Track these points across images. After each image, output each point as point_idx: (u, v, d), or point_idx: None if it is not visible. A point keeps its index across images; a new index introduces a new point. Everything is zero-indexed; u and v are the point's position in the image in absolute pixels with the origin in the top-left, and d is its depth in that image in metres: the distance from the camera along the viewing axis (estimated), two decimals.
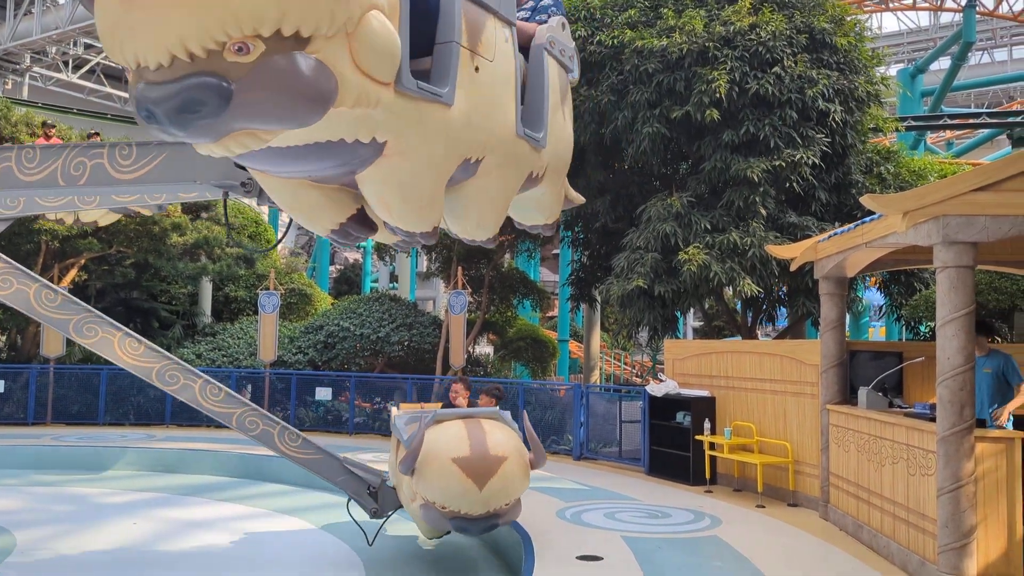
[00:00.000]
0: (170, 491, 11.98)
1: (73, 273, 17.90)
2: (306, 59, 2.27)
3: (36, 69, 38.85)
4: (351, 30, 2.38)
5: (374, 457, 12.95)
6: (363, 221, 3.39)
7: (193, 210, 19.30)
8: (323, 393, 16.43)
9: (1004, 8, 28.93)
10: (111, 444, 13.96)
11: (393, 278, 30.77)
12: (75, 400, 16.56)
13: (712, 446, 10.72)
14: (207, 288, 20.56)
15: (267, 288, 17.51)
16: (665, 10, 12.55)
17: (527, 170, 3.69)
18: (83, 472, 12.95)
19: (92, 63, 39.50)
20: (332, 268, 38.81)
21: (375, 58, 2.47)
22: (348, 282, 38.23)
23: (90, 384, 16.58)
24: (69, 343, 17.08)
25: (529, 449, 5.80)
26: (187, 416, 16.79)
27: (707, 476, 10.81)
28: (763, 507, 9.63)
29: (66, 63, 39.43)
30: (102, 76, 40.97)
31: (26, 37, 35.34)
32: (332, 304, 20.91)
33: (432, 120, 2.85)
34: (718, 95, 11.42)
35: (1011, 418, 7.26)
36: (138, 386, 16.81)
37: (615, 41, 12.46)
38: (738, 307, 15.23)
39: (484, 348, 23.04)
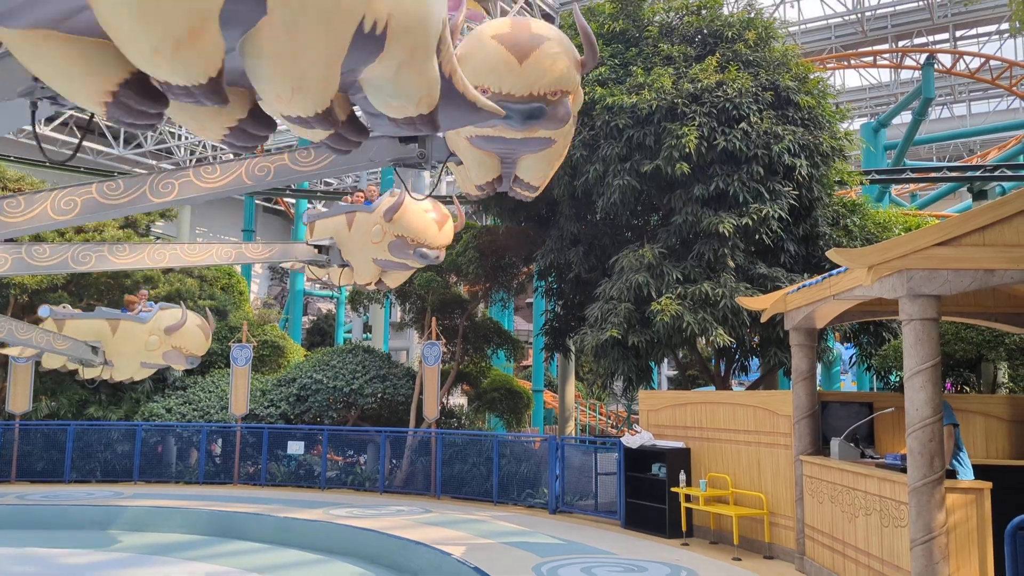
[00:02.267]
0: (138, 550, 11.71)
1: None
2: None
3: None
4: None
5: (348, 512, 12.79)
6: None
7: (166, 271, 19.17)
8: (295, 447, 16.23)
9: (961, 66, 29.92)
10: (77, 502, 13.64)
11: (367, 329, 30.63)
12: (40, 457, 16.21)
13: (688, 498, 10.71)
14: None
15: (239, 340, 17.37)
16: (634, 68, 12.86)
17: (349, 16, 2.70)
18: (47, 532, 12.64)
19: (65, 115, 39.44)
20: (305, 319, 38.62)
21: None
22: (321, 333, 38.01)
23: (56, 440, 16.26)
24: (36, 398, 16.77)
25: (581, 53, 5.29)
26: (155, 472, 16.50)
27: (683, 528, 10.77)
28: (739, 560, 9.61)
29: None
30: (75, 128, 40.90)
31: None
32: (305, 356, 20.74)
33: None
34: (687, 150, 11.67)
35: (971, 468, 7.36)
36: (105, 442, 16.53)
37: (586, 97, 12.72)
38: (711, 360, 15.34)
39: (458, 399, 22.92)
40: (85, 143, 40.95)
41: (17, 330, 10.40)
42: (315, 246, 9.34)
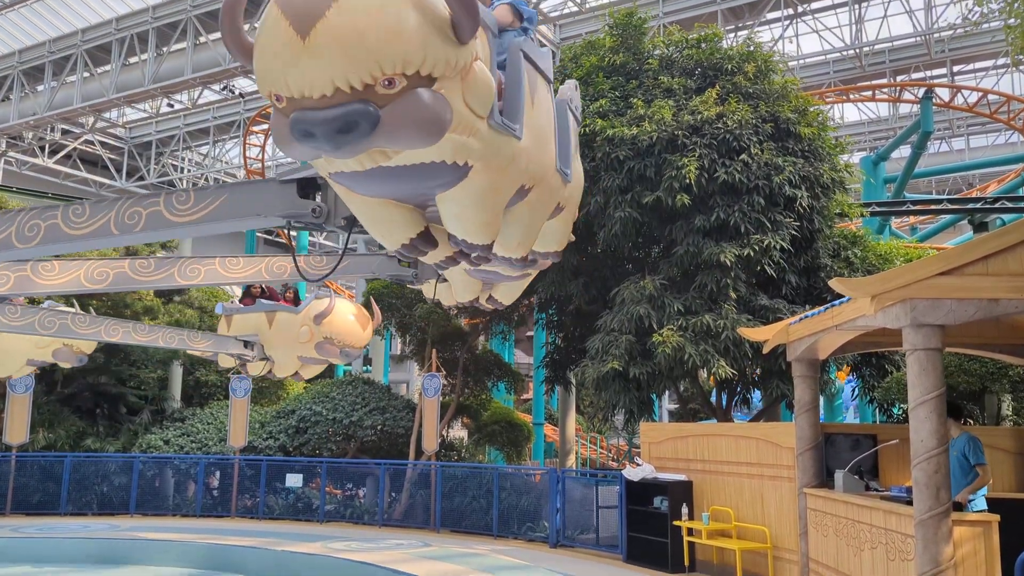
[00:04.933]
0: None
1: None
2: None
3: (11, 154, 38.98)
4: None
5: (346, 546, 12.63)
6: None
7: (166, 294, 19.15)
8: (294, 480, 16.08)
9: (959, 100, 30.11)
10: (72, 535, 13.48)
11: (366, 361, 30.51)
12: (37, 489, 16.05)
13: (690, 532, 10.58)
14: (177, 372, 20.26)
15: (238, 372, 17.27)
16: (635, 100, 12.93)
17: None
18: (42, 565, 12.47)
19: (69, 148, 39.72)
20: None
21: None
22: None
23: (53, 472, 16.11)
24: (33, 430, 16.65)
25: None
26: (153, 505, 16.34)
27: (686, 563, 10.63)
28: None
29: (42, 148, 39.61)
30: (78, 161, 41.15)
31: (3, 122, 35.55)
32: (304, 388, 20.64)
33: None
34: (688, 181, 11.69)
35: (985, 501, 7.26)
36: (102, 474, 16.39)
37: (587, 129, 12.78)
38: (712, 393, 15.24)
39: (459, 432, 22.75)
40: (88, 175, 41.17)
41: (135, 331, 10.46)
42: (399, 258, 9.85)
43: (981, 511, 7.26)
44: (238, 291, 12.25)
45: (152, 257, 6.90)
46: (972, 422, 13.13)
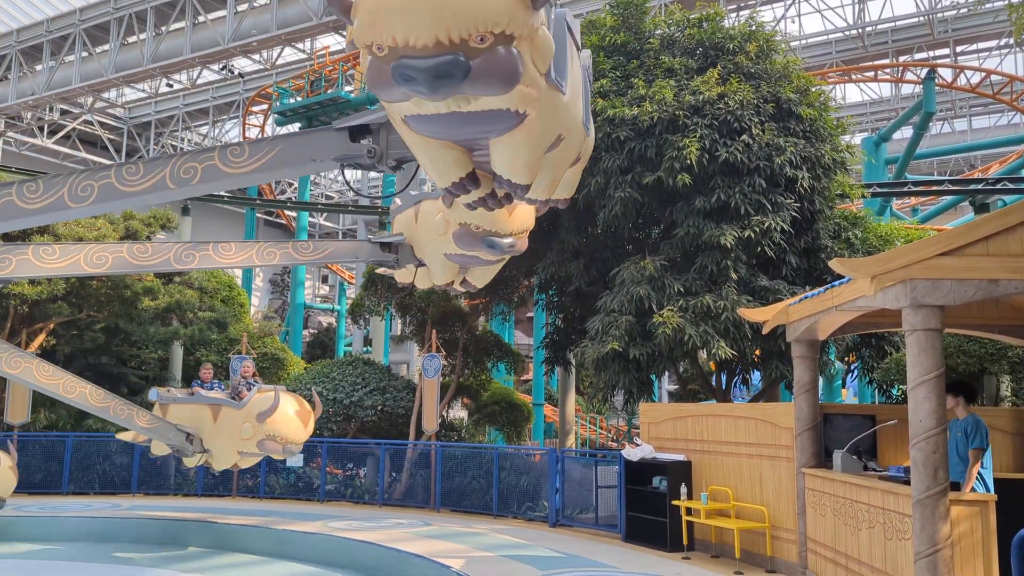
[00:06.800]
0: (135, 562, 11.64)
1: (41, 338, 17.61)
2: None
3: (10, 134, 38.84)
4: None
5: (347, 525, 12.71)
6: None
7: (166, 274, 19.13)
8: (294, 459, 16.13)
9: (962, 80, 29.98)
10: (74, 514, 13.56)
11: (367, 342, 30.58)
12: (39, 468, 16.11)
13: (689, 511, 10.63)
14: (178, 353, 20.31)
15: (239, 352, 17.31)
16: (636, 80, 12.87)
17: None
18: (44, 544, 12.55)
19: (68, 128, 39.59)
20: (305, 332, 38.56)
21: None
22: (322, 346, 37.90)
23: (55, 452, 16.17)
24: (34, 409, 16.69)
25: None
26: (154, 484, 16.41)
27: (684, 542, 10.69)
28: (741, 574, 9.54)
29: (41, 128, 39.49)
30: (77, 141, 41.05)
31: (1, 102, 35.40)
32: (305, 368, 20.69)
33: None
34: (689, 161, 11.66)
35: (982, 480, 7.29)
36: (104, 453, 16.45)
37: None
38: (712, 374, 15.27)
39: (458, 412, 22.83)
40: (88, 155, 41.06)
41: (115, 410, 10.01)
42: (381, 244, 8.29)
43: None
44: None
45: (149, 242, 6.89)
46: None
